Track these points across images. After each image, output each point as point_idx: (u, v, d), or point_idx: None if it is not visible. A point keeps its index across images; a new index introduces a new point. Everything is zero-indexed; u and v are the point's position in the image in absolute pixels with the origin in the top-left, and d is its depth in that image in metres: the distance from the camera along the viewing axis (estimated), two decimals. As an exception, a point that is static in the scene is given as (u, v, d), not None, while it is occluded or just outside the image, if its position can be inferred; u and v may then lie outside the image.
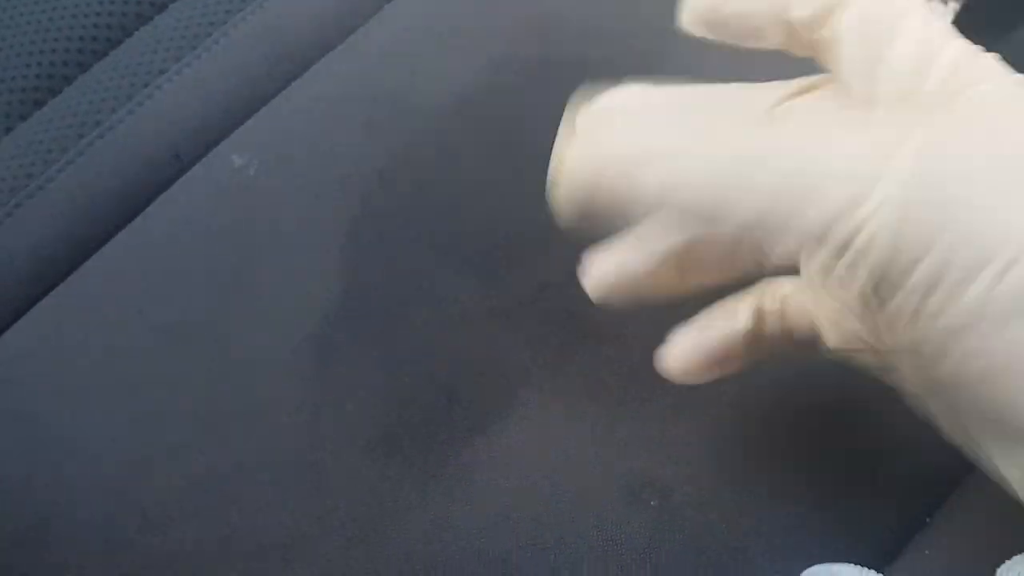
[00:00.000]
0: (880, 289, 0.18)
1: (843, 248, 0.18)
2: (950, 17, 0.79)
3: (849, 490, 0.33)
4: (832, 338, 0.25)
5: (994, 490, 0.23)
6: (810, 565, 0.28)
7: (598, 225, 0.26)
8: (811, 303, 0.26)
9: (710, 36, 0.26)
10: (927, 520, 0.32)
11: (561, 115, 0.39)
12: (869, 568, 0.27)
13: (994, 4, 0.60)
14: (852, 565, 0.28)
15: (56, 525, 0.32)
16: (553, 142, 0.38)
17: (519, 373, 0.34)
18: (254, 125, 0.40)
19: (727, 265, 0.26)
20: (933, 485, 0.33)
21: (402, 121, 0.39)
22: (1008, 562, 0.24)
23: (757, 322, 0.27)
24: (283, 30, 0.43)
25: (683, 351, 0.28)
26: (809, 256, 0.20)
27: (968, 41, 0.22)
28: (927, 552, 0.31)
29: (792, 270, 0.24)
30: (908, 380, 0.23)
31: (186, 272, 0.36)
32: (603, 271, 0.28)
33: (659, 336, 0.30)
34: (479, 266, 0.36)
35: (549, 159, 0.38)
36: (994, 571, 0.24)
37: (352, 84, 0.41)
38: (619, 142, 0.24)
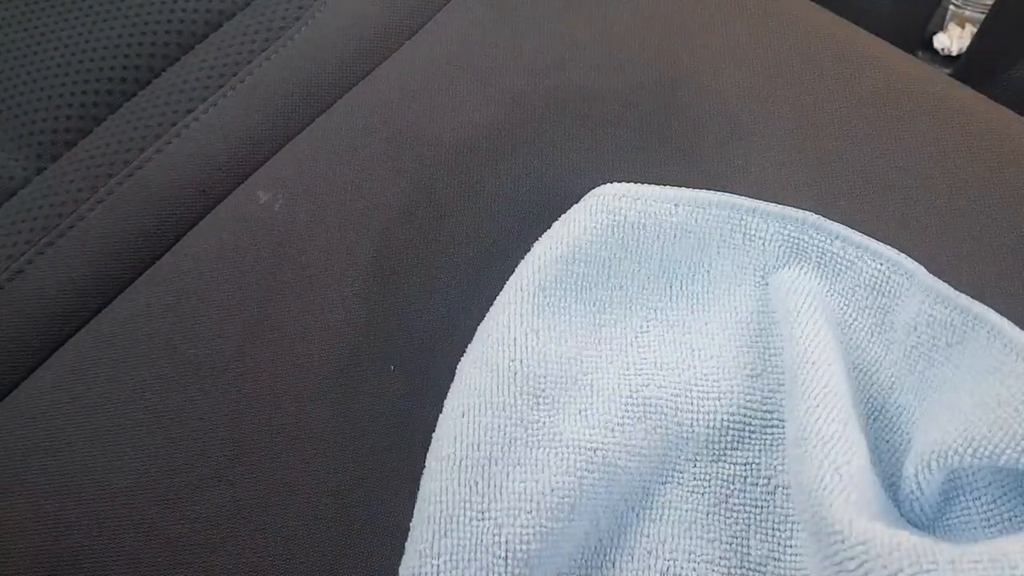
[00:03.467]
0: None
1: None
2: (968, 39, 0.79)
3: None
4: None
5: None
6: None
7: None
8: None
9: None
10: None
11: (578, 145, 0.39)
12: None
13: (1009, 30, 0.60)
14: None
15: (87, 561, 0.32)
16: (571, 173, 0.39)
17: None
18: (279, 161, 0.41)
19: None
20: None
21: (423, 155, 0.40)
22: None
23: None
24: (306, 69, 0.43)
25: None
26: None
27: None
28: None
29: None
30: None
31: (214, 307, 0.37)
32: None
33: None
34: (501, 297, 0.37)
35: (567, 191, 0.38)
36: None
37: (374, 120, 0.41)
38: None
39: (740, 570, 0.30)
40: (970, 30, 0.80)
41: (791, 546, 0.30)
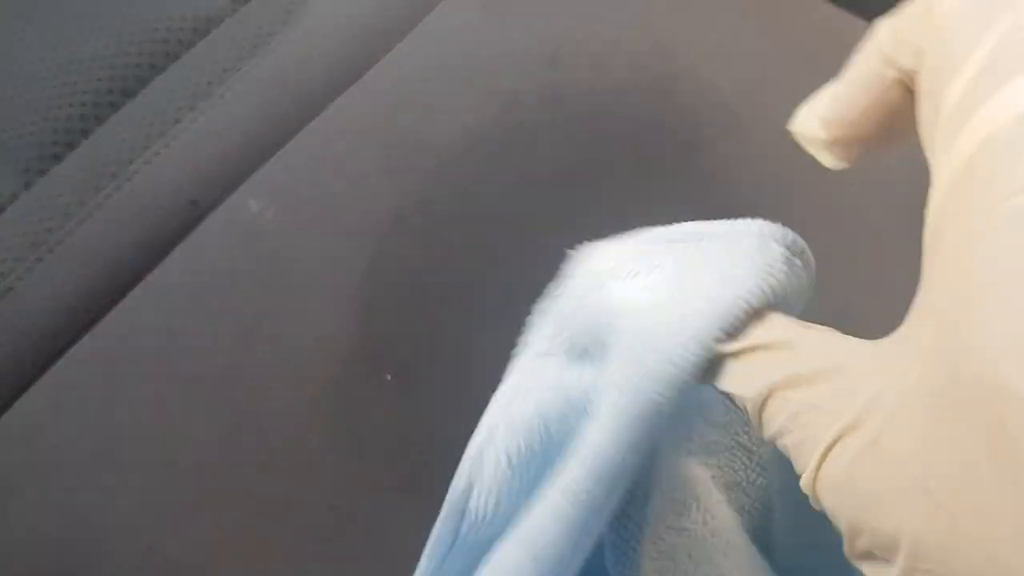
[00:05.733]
0: None
1: None
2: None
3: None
4: None
5: None
6: None
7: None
8: None
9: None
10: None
11: (574, 144, 0.39)
12: None
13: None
14: None
15: (84, 581, 0.32)
16: (566, 175, 0.38)
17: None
18: (270, 170, 0.40)
19: None
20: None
21: (416, 160, 0.39)
22: None
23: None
24: (296, 74, 0.43)
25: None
26: None
27: None
28: None
29: None
30: None
31: (207, 320, 0.36)
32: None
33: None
34: (498, 305, 0.36)
35: (564, 192, 0.38)
36: None
37: (366, 125, 0.41)
38: None
39: None
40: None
41: None
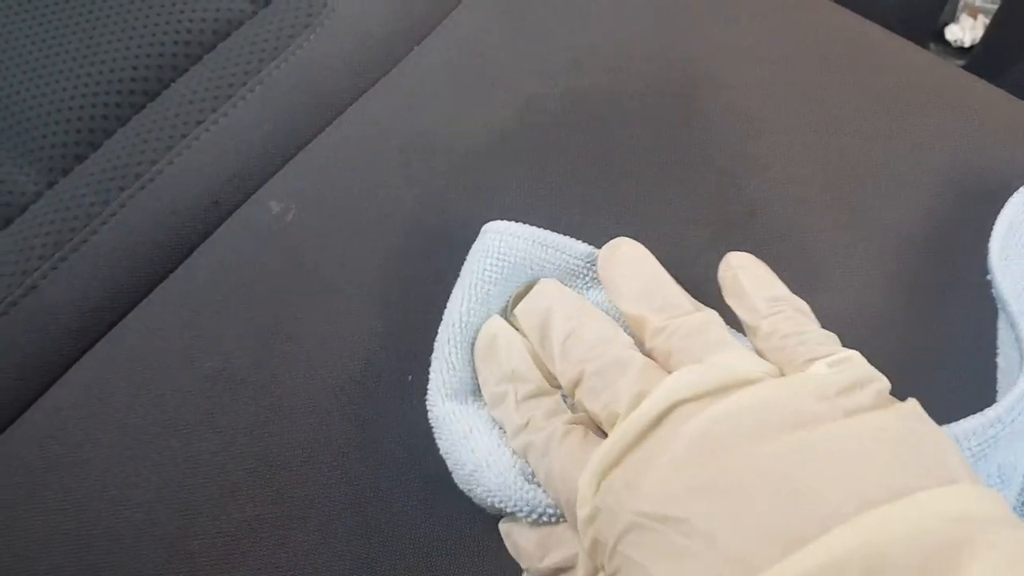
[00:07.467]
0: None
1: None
2: (981, 30, 0.79)
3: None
4: None
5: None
6: None
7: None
8: None
9: None
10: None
11: (594, 149, 0.39)
12: None
13: (1022, 18, 0.60)
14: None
15: (109, 577, 0.32)
16: (587, 178, 0.39)
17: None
18: (291, 171, 0.40)
19: None
20: None
21: (436, 161, 0.40)
22: None
23: None
24: (317, 76, 0.43)
25: None
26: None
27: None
28: None
29: None
30: None
31: (229, 319, 0.37)
32: None
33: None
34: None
35: (584, 195, 0.38)
36: None
37: (386, 126, 0.41)
38: None
39: None
40: (982, 21, 0.79)
41: None
